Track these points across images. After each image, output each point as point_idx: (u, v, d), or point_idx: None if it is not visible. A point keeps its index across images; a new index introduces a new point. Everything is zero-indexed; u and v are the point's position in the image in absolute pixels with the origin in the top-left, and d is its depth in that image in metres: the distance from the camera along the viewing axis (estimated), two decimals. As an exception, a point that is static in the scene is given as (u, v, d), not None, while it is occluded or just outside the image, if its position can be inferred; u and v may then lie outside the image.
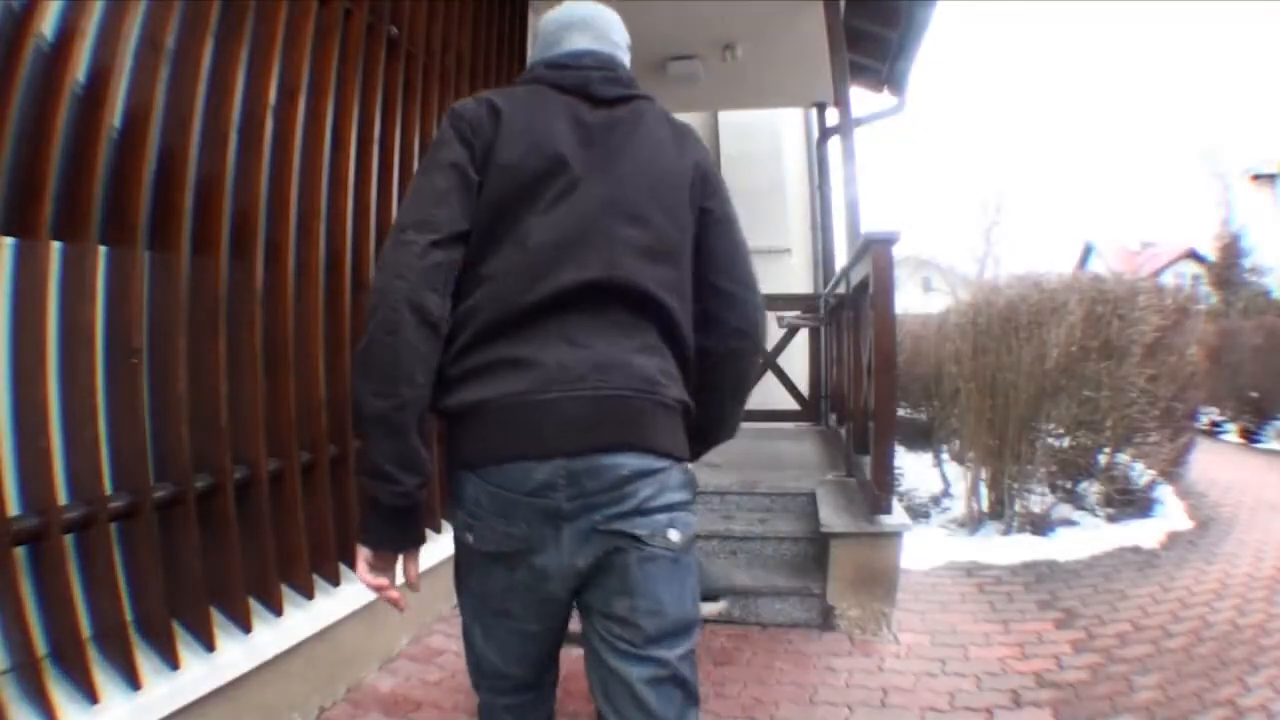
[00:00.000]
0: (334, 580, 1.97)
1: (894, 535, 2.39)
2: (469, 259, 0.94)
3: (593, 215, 0.94)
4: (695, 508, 0.99)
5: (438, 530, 2.52)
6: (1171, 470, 4.29)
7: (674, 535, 0.92)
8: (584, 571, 0.92)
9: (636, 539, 0.90)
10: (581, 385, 0.89)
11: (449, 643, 2.32)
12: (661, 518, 0.91)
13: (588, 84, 1.03)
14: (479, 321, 0.91)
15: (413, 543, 0.99)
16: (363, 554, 0.98)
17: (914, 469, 4.75)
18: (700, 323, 1.01)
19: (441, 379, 0.91)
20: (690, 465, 0.99)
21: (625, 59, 1.16)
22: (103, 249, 1.41)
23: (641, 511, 0.90)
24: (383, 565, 1.00)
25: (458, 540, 0.98)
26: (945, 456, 4.58)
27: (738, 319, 1.03)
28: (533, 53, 1.16)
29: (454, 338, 0.92)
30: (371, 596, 2.05)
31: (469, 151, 0.95)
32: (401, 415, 0.86)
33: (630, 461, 0.89)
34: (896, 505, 2.49)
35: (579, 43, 1.08)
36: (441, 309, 0.90)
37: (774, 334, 4.67)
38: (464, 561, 1.01)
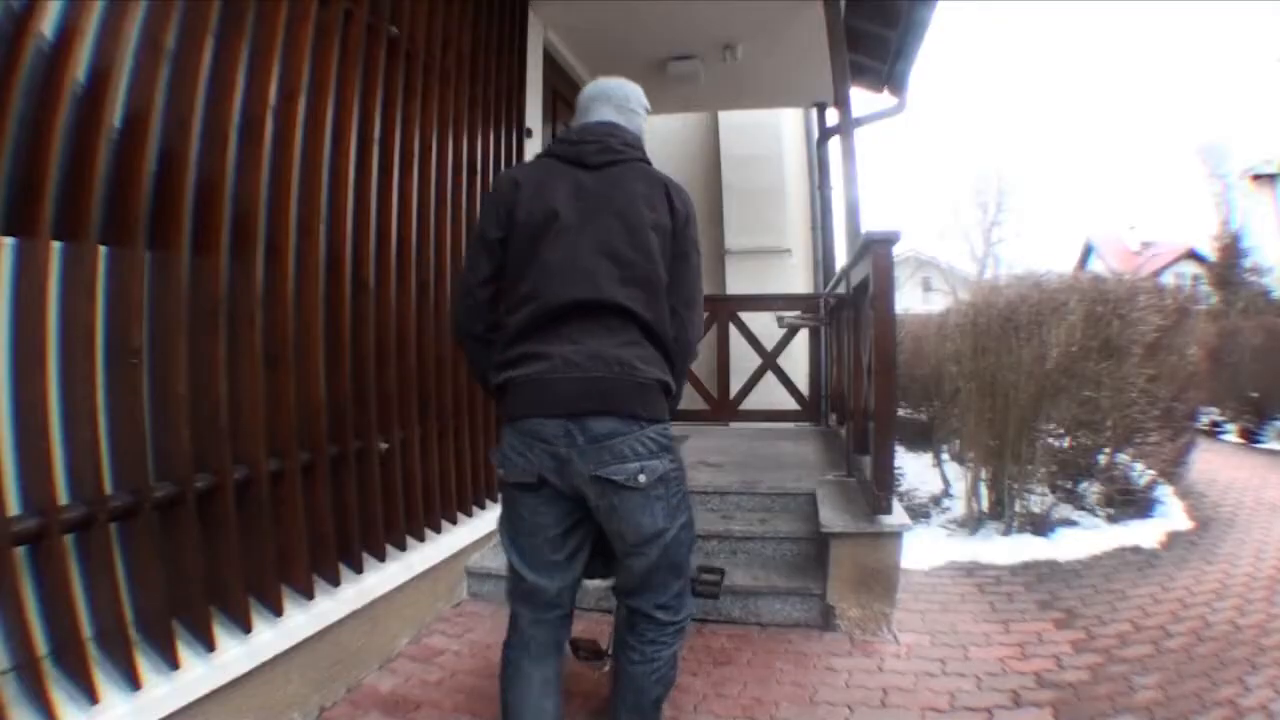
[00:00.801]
0: (334, 580, 1.97)
1: (894, 535, 2.39)
2: (510, 280, 1.43)
3: (583, 253, 1.37)
4: (671, 455, 1.38)
5: (437, 530, 2.53)
6: (1171, 470, 4.29)
7: (642, 479, 1.33)
8: (585, 499, 1.35)
9: (615, 483, 1.31)
10: (577, 370, 1.32)
11: (449, 643, 2.32)
12: (633, 465, 1.32)
13: (581, 156, 1.46)
14: (513, 330, 1.39)
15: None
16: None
17: (914, 469, 4.75)
18: None
19: (495, 365, 1.42)
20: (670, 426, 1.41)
21: (640, 122, 1.61)
22: (103, 249, 1.41)
23: (619, 459, 1.31)
24: None
25: (499, 484, 1.43)
26: (945, 456, 4.58)
27: (676, 328, 1.45)
28: (574, 117, 1.62)
29: (503, 336, 1.41)
30: (371, 596, 2.07)
31: (496, 218, 1.44)
32: (485, 381, 1.50)
33: (609, 424, 1.31)
34: (897, 505, 2.48)
35: (601, 113, 1.56)
36: (488, 327, 1.48)
37: (774, 334, 4.67)
38: (504, 500, 1.44)
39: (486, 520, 2.88)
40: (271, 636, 1.71)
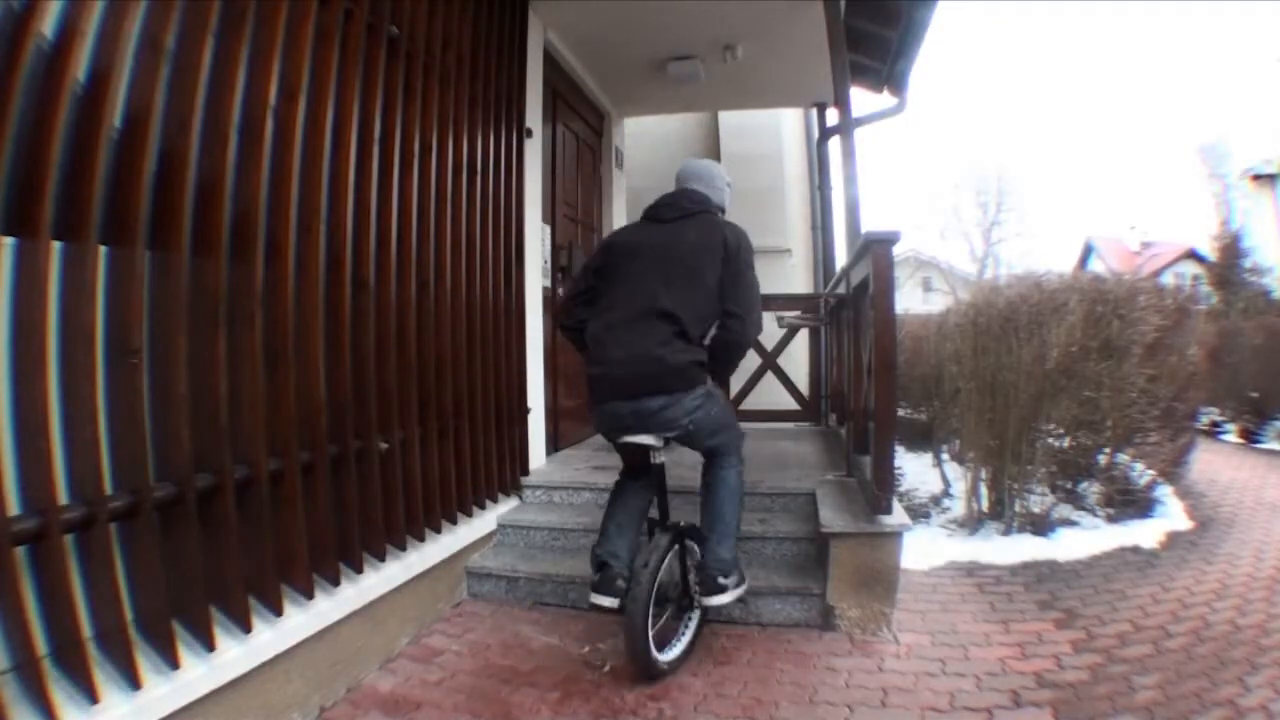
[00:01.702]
0: (334, 580, 1.97)
1: (894, 535, 2.39)
2: (598, 294, 2.21)
3: (644, 280, 2.09)
4: (708, 401, 2.08)
5: (437, 530, 2.53)
6: (1171, 470, 4.28)
7: (692, 426, 2.06)
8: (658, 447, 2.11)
9: (674, 436, 2.08)
10: (626, 367, 2.03)
11: (449, 643, 2.32)
12: (685, 421, 2.04)
13: (658, 215, 2.24)
14: (590, 333, 2.15)
15: None
16: None
17: (914, 469, 4.75)
18: (717, 325, 2.13)
19: (585, 356, 2.19)
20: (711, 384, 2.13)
21: (721, 194, 2.34)
22: (103, 249, 1.41)
23: (669, 424, 2.04)
24: None
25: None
26: (945, 456, 4.58)
27: (734, 328, 2.13)
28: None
29: (589, 332, 2.16)
30: (371, 596, 2.07)
31: (601, 253, 2.27)
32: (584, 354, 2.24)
33: (658, 401, 2.01)
34: (897, 505, 2.48)
35: (688, 184, 2.31)
36: (577, 322, 2.25)
37: (774, 334, 4.67)
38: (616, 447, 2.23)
39: (486, 520, 2.88)
40: (271, 636, 1.71)
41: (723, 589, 2.07)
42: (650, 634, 1.99)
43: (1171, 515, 3.82)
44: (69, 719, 1.26)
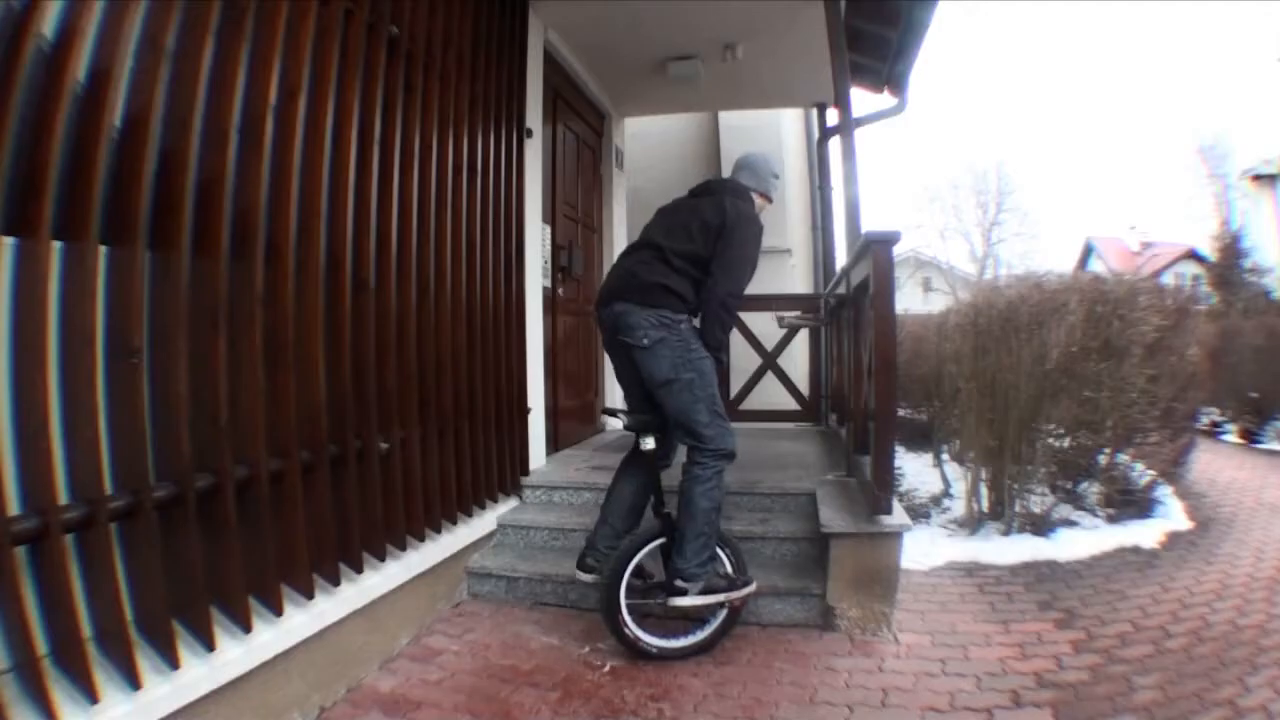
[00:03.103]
0: (334, 580, 1.97)
1: (894, 535, 2.39)
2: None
3: (653, 229, 2.41)
4: (670, 331, 2.23)
5: (437, 530, 2.53)
6: (1171, 470, 4.28)
7: (645, 341, 2.21)
8: (623, 352, 2.32)
9: (629, 344, 2.24)
10: (611, 281, 2.40)
11: (449, 643, 2.32)
12: (639, 332, 2.22)
13: (692, 191, 2.52)
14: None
15: None
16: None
17: (914, 469, 4.75)
18: (698, 289, 2.30)
19: None
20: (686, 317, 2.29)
21: (758, 182, 2.55)
22: (103, 249, 1.41)
23: (630, 329, 2.23)
24: None
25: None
26: (945, 457, 4.57)
27: (706, 290, 2.28)
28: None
29: None
30: (371, 596, 2.07)
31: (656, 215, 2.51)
32: None
33: (623, 306, 2.26)
34: (897, 505, 2.48)
35: (735, 172, 2.56)
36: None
37: (774, 334, 4.67)
38: (608, 354, 2.48)
39: (486, 520, 2.88)
40: (271, 636, 1.71)
41: (681, 592, 2.16)
42: (624, 612, 2.18)
43: (1171, 515, 3.82)
44: (69, 719, 1.26)
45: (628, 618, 2.18)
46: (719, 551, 2.29)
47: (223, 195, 1.63)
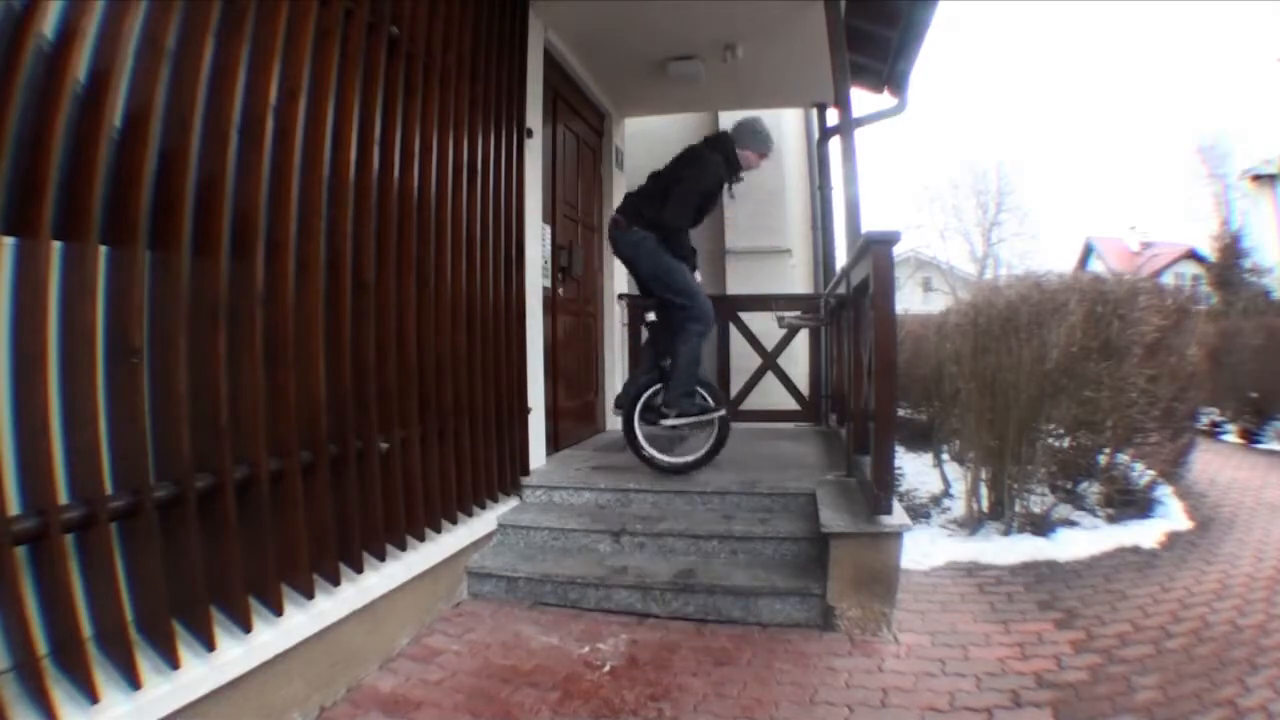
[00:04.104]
0: (334, 580, 1.97)
1: (894, 535, 2.39)
2: None
3: (657, 175, 3.36)
4: (643, 238, 3.21)
5: (437, 530, 2.53)
6: (1171, 470, 4.28)
7: (630, 253, 3.28)
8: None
9: (625, 256, 3.36)
10: (615, 214, 3.41)
11: (449, 643, 2.32)
12: (627, 247, 3.28)
13: (688, 144, 3.48)
14: None
15: None
16: None
17: (914, 469, 4.75)
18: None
19: None
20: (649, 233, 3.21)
21: (751, 141, 3.41)
22: (103, 249, 1.41)
23: (620, 243, 3.31)
24: None
25: None
26: (945, 457, 4.57)
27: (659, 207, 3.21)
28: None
29: None
30: (371, 596, 2.07)
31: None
32: None
33: (616, 232, 3.31)
34: (897, 505, 2.48)
35: (731, 128, 3.50)
36: None
37: (774, 334, 4.67)
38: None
39: (486, 520, 2.88)
40: (271, 636, 1.71)
41: (664, 416, 3.18)
42: (640, 438, 3.22)
43: (1171, 515, 3.82)
44: (69, 718, 1.26)
45: (643, 442, 3.21)
46: (698, 390, 3.19)
47: (223, 195, 1.63)
